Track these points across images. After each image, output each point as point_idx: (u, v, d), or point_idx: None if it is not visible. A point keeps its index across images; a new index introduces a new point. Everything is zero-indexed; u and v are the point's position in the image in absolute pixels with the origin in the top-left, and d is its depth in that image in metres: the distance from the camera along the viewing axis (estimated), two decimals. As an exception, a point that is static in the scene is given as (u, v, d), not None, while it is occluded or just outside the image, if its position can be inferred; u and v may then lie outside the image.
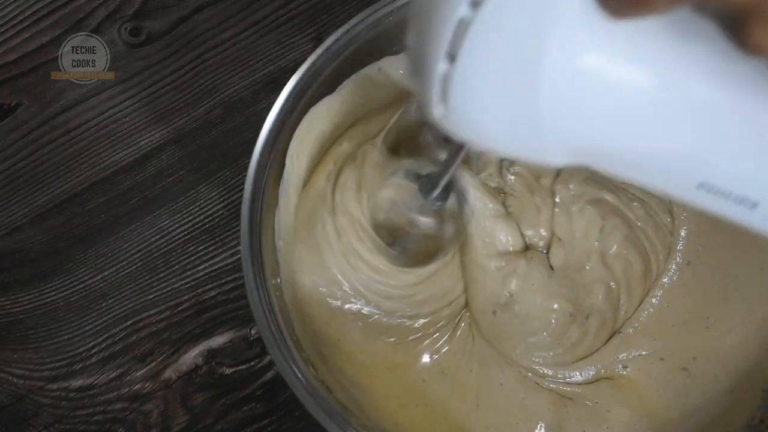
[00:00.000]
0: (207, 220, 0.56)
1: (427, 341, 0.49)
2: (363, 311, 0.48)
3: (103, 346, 0.54)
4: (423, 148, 0.44)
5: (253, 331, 0.53)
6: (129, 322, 0.54)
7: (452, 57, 0.25)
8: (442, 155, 0.42)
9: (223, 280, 0.55)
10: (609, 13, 0.23)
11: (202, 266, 0.55)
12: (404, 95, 0.51)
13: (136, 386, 0.53)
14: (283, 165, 0.48)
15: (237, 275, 0.55)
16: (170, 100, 0.59)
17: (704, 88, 0.25)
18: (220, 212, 0.57)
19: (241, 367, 0.53)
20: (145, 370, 0.53)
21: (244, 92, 0.59)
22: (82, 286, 0.55)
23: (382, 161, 0.47)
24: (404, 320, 0.48)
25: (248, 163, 0.46)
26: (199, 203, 0.57)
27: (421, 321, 0.48)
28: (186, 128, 0.59)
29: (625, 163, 0.27)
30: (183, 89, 0.60)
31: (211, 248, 0.56)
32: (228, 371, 0.53)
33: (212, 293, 0.54)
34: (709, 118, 0.25)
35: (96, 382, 0.53)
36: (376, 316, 0.48)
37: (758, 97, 0.25)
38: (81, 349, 0.54)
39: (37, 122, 0.59)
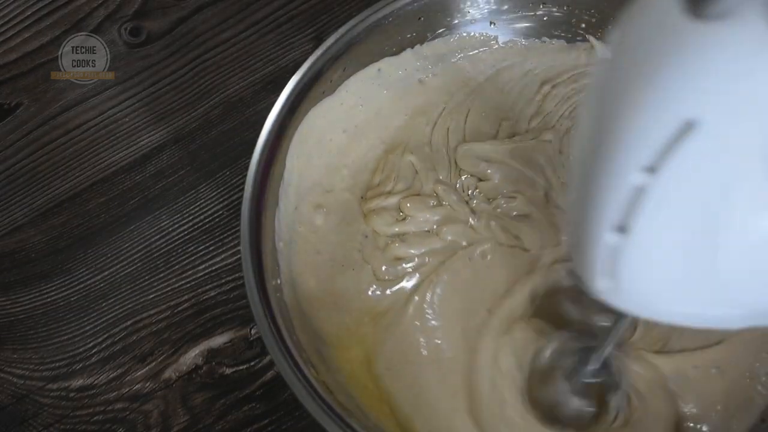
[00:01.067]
0: (207, 220, 0.56)
1: None
2: None
3: (103, 346, 0.54)
4: (578, 318, 0.42)
5: (253, 331, 0.53)
6: (129, 322, 0.54)
7: (623, 228, 0.22)
8: (601, 323, 0.40)
9: (223, 280, 0.55)
10: None
11: (202, 266, 0.55)
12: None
13: (136, 386, 0.53)
14: (283, 165, 0.48)
15: (237, 275, 0.55)
16: (170, 100, 0.59)
17: None
18: (220, 212, 0.57)
19: (241, 367, 0.53)
20: (145, 370, 0.53)
21: (244, 92, 0.59)
22: (82, 286, 0.55)
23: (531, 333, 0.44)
24: None
25: (248, 163, 0.46)
26: (199, 203, 0.57)
27: None
28: (186, 128, 0.59)
29: None
30: (183, 89, 0.60)
31: (211, 248, 0.56)
32: (228, 371, 0.53)
33: (212, 293, 0.54)
34: None
35: (96, 382, 0.53)
36: None
37: None
38: (81, 349, 0.54)
39: (37, 122, 0.59)
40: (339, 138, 0.52)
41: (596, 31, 0.51)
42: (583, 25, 0.51)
